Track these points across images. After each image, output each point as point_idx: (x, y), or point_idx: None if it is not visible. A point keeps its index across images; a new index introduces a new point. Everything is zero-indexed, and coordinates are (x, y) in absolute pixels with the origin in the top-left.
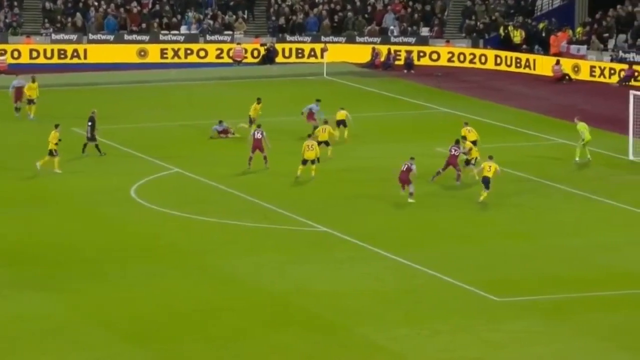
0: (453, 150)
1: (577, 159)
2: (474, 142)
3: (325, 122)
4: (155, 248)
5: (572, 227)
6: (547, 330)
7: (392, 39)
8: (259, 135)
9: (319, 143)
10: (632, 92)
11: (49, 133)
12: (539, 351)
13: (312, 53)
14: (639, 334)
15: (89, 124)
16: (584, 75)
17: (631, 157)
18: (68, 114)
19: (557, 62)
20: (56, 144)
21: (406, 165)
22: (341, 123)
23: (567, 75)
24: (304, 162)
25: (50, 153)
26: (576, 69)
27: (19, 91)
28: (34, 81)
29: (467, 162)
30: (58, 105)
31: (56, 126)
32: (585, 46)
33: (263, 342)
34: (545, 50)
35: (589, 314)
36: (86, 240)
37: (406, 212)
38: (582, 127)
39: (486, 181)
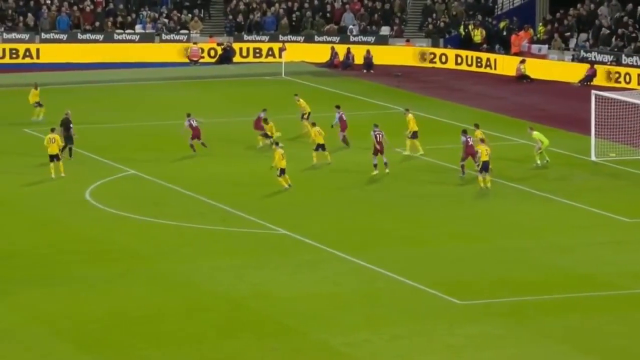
0: (470, 140)
1: (538, 162)
2: (415, 133)
3: (313, 124)
4: (109, 252)
5: (530, 229)
6: (507, 333)
7: (352, 39)
8: (195, 124)
9: (317, 147)
10: (593, 92)
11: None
12: (499, 355)
13: (270, 52)
14: (595, 336)
15: (70, 125)
16: (545, 74)
17: (593, 158)
18: (21, 115)
19: (523, 61)
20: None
21: (380, 135)
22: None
23: (528, 76)
24: (282, 172)
25: (57, 158)
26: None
27: None
28: None
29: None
30: (10, 106)
31: (52, 130)
32: (546, 45)
33: (217, 348)
34: (506, 50)
35: (546, 317)
36: (40, 244)
37: (364, 214)
38: (537, 135)
39: (486, 166)
